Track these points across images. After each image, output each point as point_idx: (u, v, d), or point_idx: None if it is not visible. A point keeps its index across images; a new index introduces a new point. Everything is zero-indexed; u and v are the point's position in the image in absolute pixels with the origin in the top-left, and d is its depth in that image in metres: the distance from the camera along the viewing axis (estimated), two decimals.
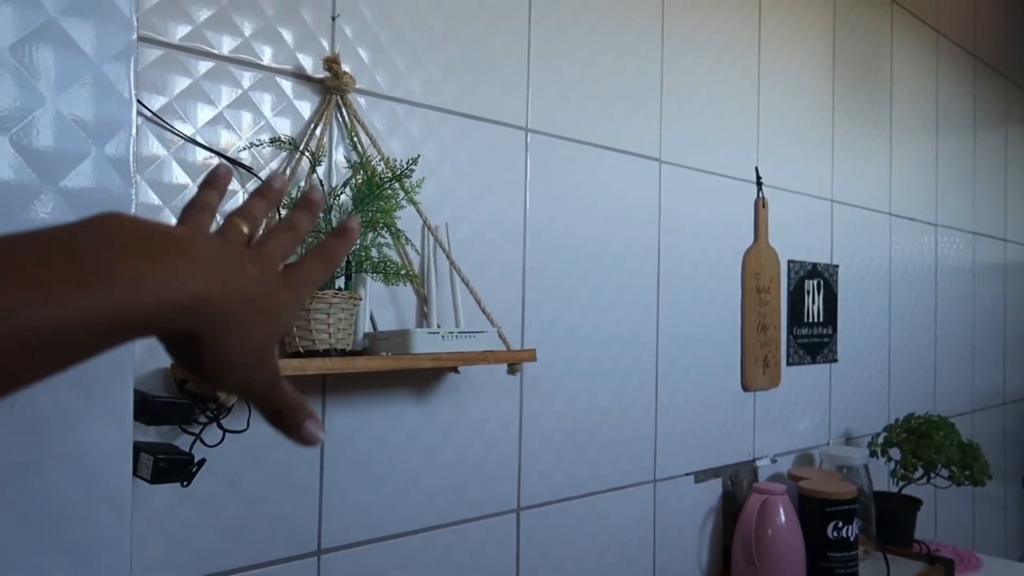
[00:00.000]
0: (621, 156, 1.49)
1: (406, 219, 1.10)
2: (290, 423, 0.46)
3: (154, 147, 0.92)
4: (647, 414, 1.53)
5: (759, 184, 1.81)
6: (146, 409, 0.79)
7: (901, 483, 1.90)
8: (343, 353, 0.93)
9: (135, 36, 0.63)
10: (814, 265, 1.98)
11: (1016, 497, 3.03)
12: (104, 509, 0.59)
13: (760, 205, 1.81)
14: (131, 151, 0.61)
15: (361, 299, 0.99)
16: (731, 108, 1.75)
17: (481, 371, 1.24)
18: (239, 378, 0.42)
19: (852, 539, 1.61)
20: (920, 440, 1.88)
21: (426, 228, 1.14)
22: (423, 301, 1.15)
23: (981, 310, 2.82)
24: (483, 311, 1.15)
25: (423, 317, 1.16)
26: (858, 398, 2.15)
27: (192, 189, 0.94)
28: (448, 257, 1.14)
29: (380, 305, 1.12)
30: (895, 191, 2.33)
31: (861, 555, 1.74)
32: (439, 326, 1.13)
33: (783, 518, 1.58)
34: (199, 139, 0.95)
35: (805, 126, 1.97)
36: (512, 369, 1.13)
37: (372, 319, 1.09)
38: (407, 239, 1.07)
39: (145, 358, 0.90)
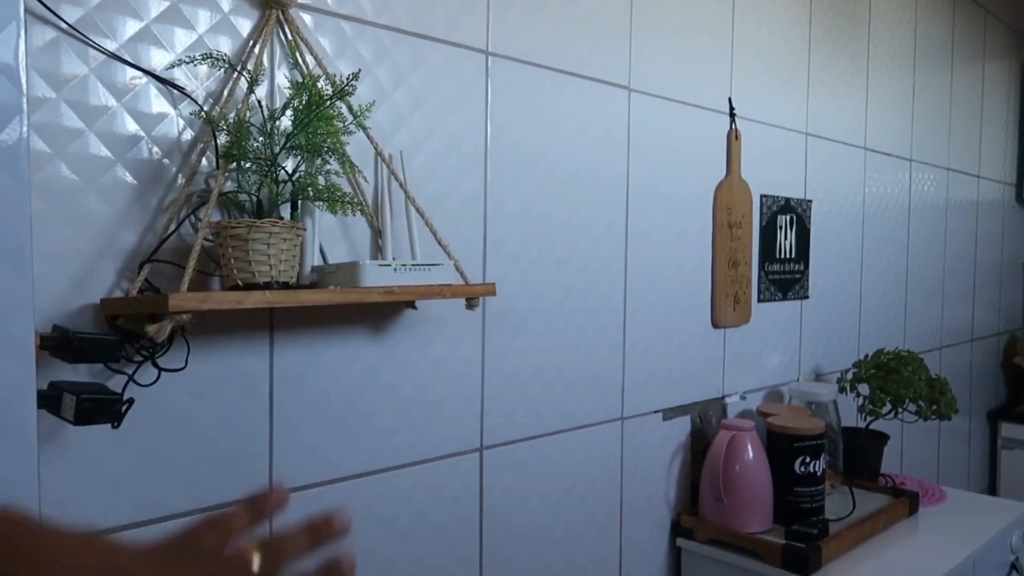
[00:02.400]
0: (589, 83, 1.42)
1: (357, 146, 1.03)
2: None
3: (73, 64, 0.84)
4: (615, 351, 1.50)
5: (732, 115, 1.75)
6: (67, 346, 0.74)
7: (869, 418, 1.90)
8: (286, 286, 0.87)
9: None
10: (787, 200, 1.94)
11: (980, 431, 3.08)
12: (5, 447, 0.54)
13: (733, 137, 1.75)
14: (21, 56, 0.54)
15: (305, 229, 0.93)
16: (704, 36, 1.68)
17: (441, 307, 1.19)
18: None
19: (819, 474, 1.61)
20: (888, 375, 1.87)
21: (379, 156, 1.07)
22: (377, 234, 1.09)
23: (953, 247, 2.81)
24: (439, 243, 1.09)
25: (378, 250, 1.10)
26: (828, 335, 2.14)
27: (116, 110, 0.87)
28: (403, 187, 1.08)
29: (332, 238, 1.06)
30: (871, 125, 2.28)
31: (828, 489, 1.74)
32: (393, 258, 1.07)
33: (751, 454, 1.57)
34: (124, 55, 0.88)
35: (780, 56, 1.91)
36: (471, 304, 1.08)
37: (322, 252, 1.03)
38: (355, 167, 1.00)
39: (70, 293, 0.84)
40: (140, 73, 0.89)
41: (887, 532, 1.65)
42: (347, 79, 0.89)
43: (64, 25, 0.83)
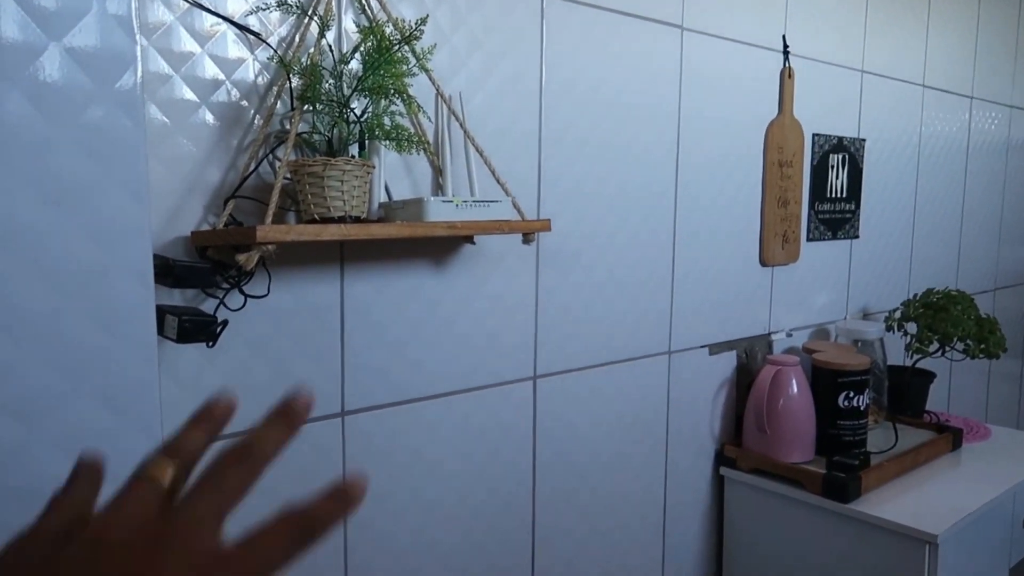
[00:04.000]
0: (642, 23, 1.44)
1: (419, 88, 1.08)
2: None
3: (160, 12, 0.91)
4: (663, 287, 1.55)
5: (786, 53, 1.74)
6: (169, 272, 0.82)
7: (916, 356, 1.92)
8: (358, 220, 0.94)
9: None
10: (840, 139, 1.93)
11: None
12: (132, 361, 0.62)
13: (786, 76, 1.75)
14: (133, 8, 0.61)
15: (374, 167, 0.99)
16: None
17: (498, 242, 1.25)
18: None
19: (863, 408, 1.65)
20: (937, 314, 1.89)
21: (439, 97, 1.12)
22: (437, 172, 1.15)
23: (1012, 187, 2.75)
24: (497, 181, 1.15)
25: (438, 188, 1.16)
26: (878, 275, 2.15)
27: (199, 56, 0.94)
28: (462, 127, 1.13)
29: (395, 176, 1.12)
30: (930, 62, 2.24)
31: (871, 424, 1.78)
32: (454, 195, 1.13)
33: (795, 388, 1.62)
34: (205, 3, 0.94)
35: None
36: (527, 239, 1.14)
37: (387, 189, 1.09)
38: (420, 107, 1.05)
39: (166, 226, 0.92)
40: (220, 20, 0.95)
41: (928, 465, 1.69)
42: (415, 24, 0.94)
43: None
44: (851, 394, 1.64)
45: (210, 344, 0.85)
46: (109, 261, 0.61)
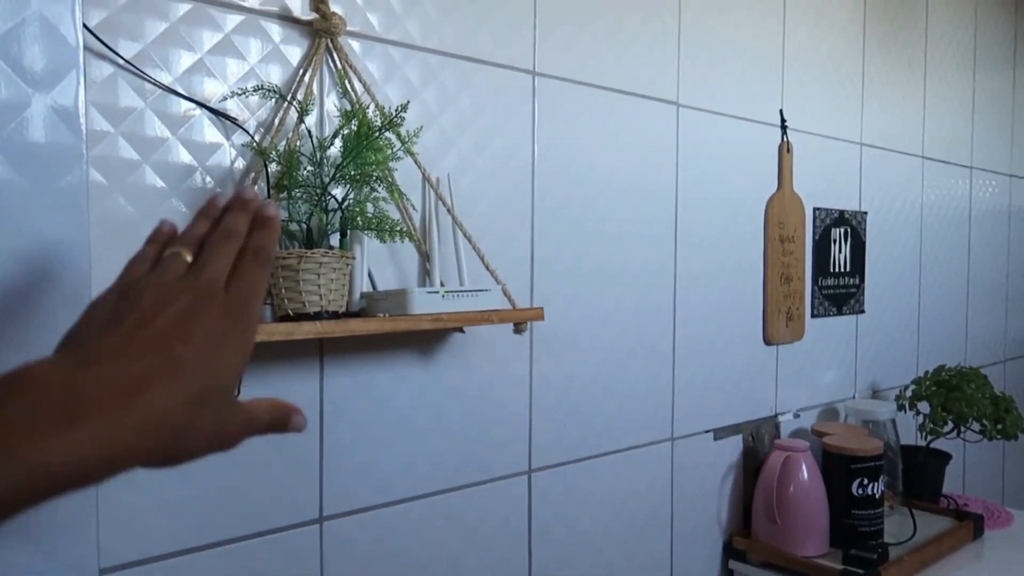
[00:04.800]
0: (636, 100, 1.40)
1: (405, 172, 1.04)
2: (279, 430, 0.47)
3: (130, 98, 0.86)
4: (664, 370, 1.48)
5: (784, 128, 1.71)
6: None
7: (929, 437, 1.84)
8: (336, 315, 0.88)
9: None
10: (841, 212, 1.89)
11: None
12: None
13: (784, 150, 1.72)
14: (79, 100, 0.55)
15: (354, 258, 0.93)
16: (754, 48, 1.64)
17: (489, 330, 1.19)
18: (213, 448, 0.41)
19: (878, 496, 1.55)
20: (950, 393, 1.81)
21: (426, 181, 1.07)
22: (425, 258, 1.09)
23: (1017, 255, 2.71)
24: (487, 268, 1.09)
25: (425, 275, 1.10)
26: (886, 350, 2.08)
27: (171, 142, 0.89)
28: (450, 211, 1.08)
29: (379, 263, 1.06)
30: (928, 132, 2.22)
31: (887, 511, 1.69)
32: (441, 284, 1.07)
33: (806, 475, 1.53)
34: (178, 88, 0.89)
35: (834, 65, 1.86)
36: (518, 329, 1.08)
37: (371, 278, 1.04)
38: (404, 195, 1.00)
39: None
40: (194, 105, 0.90)
41: (951, 557, 1.59)
42: (396, 110, 0.89)
43: (121, 61, 0.85)
44: (865, 480, 1.55)
45: None
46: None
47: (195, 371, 0.38)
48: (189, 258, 0.46)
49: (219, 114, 0.92)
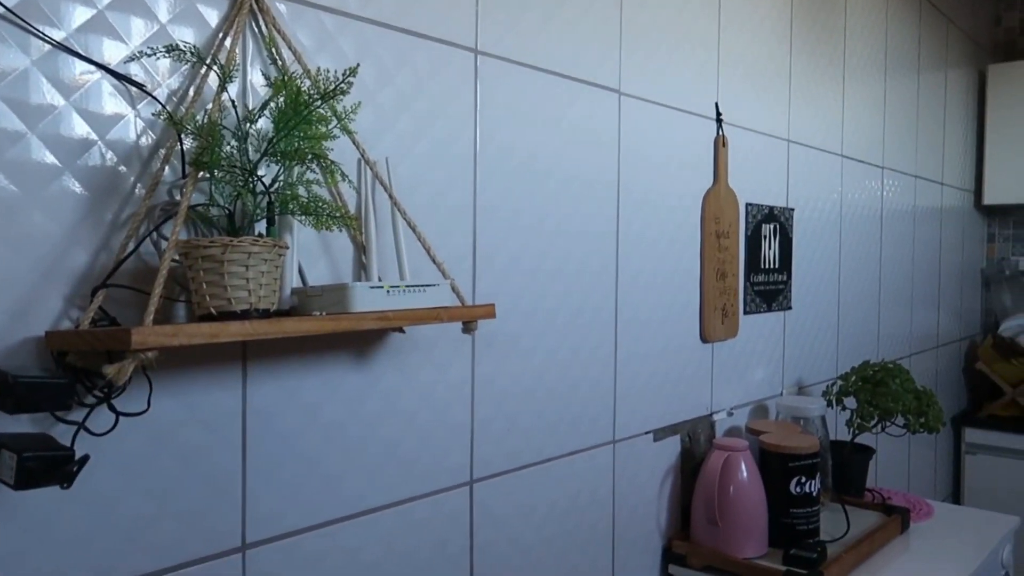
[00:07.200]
0: (579, 86, 1.33)
1: (338, 152, 0.92)
2: None
3: (13, 56, 0.72)
4: (606, 370, 1.41)
5: (719, 121, 1.68)
6: (7, 392, 0.61)
7: (856, 432, 1.85)
8: (266, 314, 0.76)
9: None
10: (771, 208, 1.88)
11: (945, 437, 3.09)
12: None
13: (720, 144, 1.68)
14: None
15: (288, 248, 0.81)
16: (691, 41, 1.60)
17: (431, 328, 1.09)
18: None
19: (815, 494, 1.54)
20: (876, 388, 1.83)
21: (363, 163, 0.96)
22: (360, 249, 0.98)
23: (920, 254, 2.81)
24: (433, 260, 0.99)
25: (361, 268, 0.99)
26: (810, 346, 2.09)
27: (63, 110, 0.75)
28: (391, 197, 0.97)
29: (309, 255, 0.94)
30: (847, 132, 2.25)
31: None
32: (380, 278, 0.96)
33: (746, 474, 1.50)
34: (73, 46, 0.75)
35: (764, 62, 1.85)
36: (468, 328, 0.98)
37: (301, 272, 0.92)
38: (345, 175, 0.89)
39: (9, 325, 0.71)
40: (92, 67, 0.76)
41: (882, 552, 1.60)
42: (344, 75, 0.78)
43: (1, 9, 0.70)
44: (803, 479, 1.53)
45: (65, 486, 0.64)
46: None
47: None
48: None
49: (122, 78, 0.78)
